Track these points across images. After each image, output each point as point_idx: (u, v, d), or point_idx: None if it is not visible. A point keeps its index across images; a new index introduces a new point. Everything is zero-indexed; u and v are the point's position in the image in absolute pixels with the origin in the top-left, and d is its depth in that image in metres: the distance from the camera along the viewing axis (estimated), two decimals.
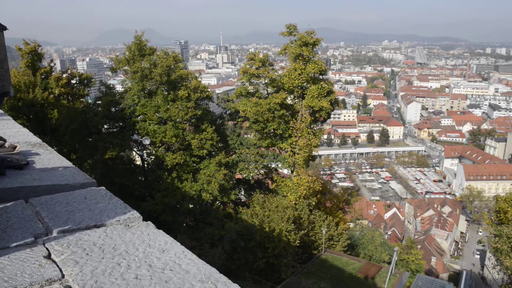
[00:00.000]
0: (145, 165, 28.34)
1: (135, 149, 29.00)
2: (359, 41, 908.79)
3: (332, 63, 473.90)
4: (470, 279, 61.87)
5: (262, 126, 31.29)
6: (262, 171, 34.39)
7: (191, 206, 27.77)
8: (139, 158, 27.69)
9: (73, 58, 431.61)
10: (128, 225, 2.89)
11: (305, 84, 31.66)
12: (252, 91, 33.48)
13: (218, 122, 32.81)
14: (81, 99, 33.06)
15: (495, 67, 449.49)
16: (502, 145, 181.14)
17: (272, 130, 32.29)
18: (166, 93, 28.31)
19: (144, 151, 27.78)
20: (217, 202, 30.50)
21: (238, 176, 33.47)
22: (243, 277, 24.24)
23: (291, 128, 31.51)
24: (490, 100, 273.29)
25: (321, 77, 32.38)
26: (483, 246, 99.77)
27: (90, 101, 33.43)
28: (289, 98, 33.18)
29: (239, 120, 33.81)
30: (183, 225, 28.75)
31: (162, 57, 28.21)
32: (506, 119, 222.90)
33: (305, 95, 31.67)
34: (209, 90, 30.74)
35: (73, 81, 32.79)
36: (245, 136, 34.90)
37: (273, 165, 35.20)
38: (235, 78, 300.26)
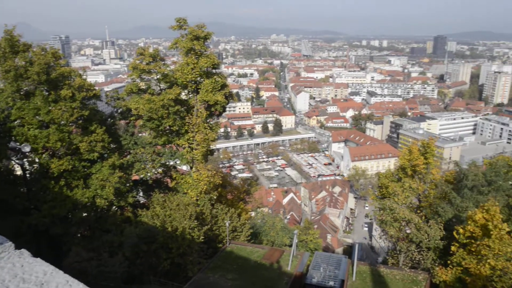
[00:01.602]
0: (27, 175, 25.56)
1: (13, 158, 25.97)
2: (249, 35, 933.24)
3: (224, 57, 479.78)
4: (361, 250, 68.41)
5: (156, 123, 30.33)
6: (160, 170, 33.43)
7: (84, 214, 25.88)
8: (19, 168, 24.88)
9: None
10: None
11: (198, 78, 31.38)
12: (144, 87, 32.22)
13: (108, 122, 30.90)
14: None
15: (370, 57, 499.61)
16: (379, 127, 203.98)
17: (167, 127, 31.47)
18: (46, 93, 25.70)
19: (25, 160, 25.05)
20: (114, 207, 28.84)
21: (134, 177, 32.04)
22: (148, 281, 23.39)
23: (187, 123, 31.06)
24: (367, 87, 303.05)
25: (214, 71, 32.39)
26: (370, 219, 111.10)
27: None
28: (183, 94, 32.65)
29: (131, 118, 32.32)
30: (77, 236, 26.70)
31: (39, 54, 25.46)
32: (382, 104, 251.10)
33: (199, 90, 31.43)
34: (96, 88, 28.72)
35: None
36: (140, 135, 33.48)
37: (171, 163, 34.38)
38: (124, 75, 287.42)
